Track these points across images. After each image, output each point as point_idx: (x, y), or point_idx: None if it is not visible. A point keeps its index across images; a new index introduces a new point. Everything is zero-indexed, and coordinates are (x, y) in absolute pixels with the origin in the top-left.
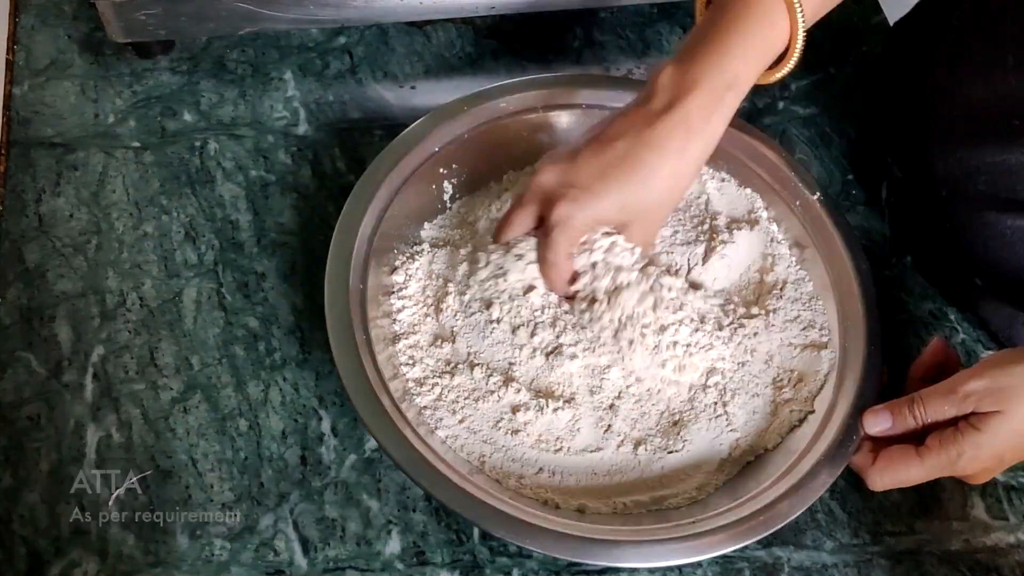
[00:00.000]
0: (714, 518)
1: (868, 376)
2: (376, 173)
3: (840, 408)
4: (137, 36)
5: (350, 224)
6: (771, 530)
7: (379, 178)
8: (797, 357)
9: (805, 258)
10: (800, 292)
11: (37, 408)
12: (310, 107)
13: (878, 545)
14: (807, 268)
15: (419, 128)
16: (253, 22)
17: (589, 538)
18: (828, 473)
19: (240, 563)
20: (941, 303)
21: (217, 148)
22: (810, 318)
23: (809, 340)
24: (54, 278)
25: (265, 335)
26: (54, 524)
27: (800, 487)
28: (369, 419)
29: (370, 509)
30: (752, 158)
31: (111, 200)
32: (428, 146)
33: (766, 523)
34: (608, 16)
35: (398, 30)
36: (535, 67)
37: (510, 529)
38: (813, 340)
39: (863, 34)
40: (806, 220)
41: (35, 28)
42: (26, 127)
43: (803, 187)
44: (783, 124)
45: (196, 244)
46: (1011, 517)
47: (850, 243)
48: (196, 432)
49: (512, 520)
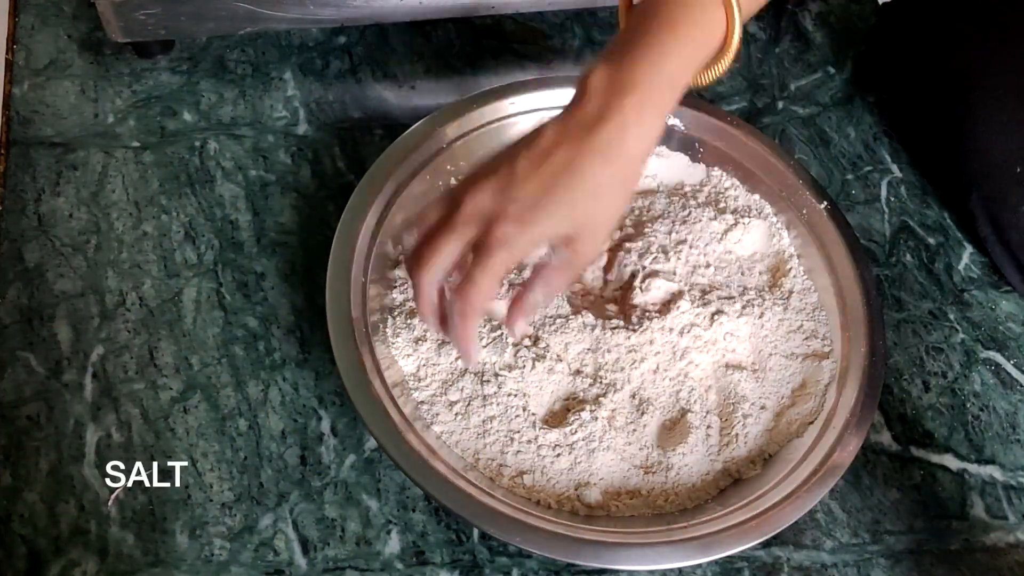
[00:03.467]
0: (712, 522)
1: (868, 387)
2: (383, 166)
3: (840, 415)
4: (137, 36)
5: (355, 217)
6: (769, 534)
7: (386, 171)
8: (799, 366)
9: (811, 268)
10: (805, 302)
11: (37, 408)
12: (310, 107)
13: (877, 544)
14: (813, 278)
15: (427, 123)
16: (253, 22)
17: (589, 540)
18: (824, 482)
19: (240, 563)
20: (941, 303)
21: (217, 148)
22: (813, 328)
23: (811, 350)
24: (54, 278)
25: (265, 335)
26: (54, 524)
27: (797, 494)
28: (364, 412)
29: (370, 509)
30: (760, 167)
31: (111, 200)
32: (435, 142)
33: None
34: (608, 16)
35: (398, 30)
36: (535, 67)
37: (509, 530)
38: (815, 350)
39: (863, 34)
40: (813, 229)
41: (35, 28)
42: (26, 127)
43: (811, 196)
44: (783, 124)
45: (196, 244)
46: (1010, 516)
47: (855, 253)
48: (196, 432)
49: (511, 520)
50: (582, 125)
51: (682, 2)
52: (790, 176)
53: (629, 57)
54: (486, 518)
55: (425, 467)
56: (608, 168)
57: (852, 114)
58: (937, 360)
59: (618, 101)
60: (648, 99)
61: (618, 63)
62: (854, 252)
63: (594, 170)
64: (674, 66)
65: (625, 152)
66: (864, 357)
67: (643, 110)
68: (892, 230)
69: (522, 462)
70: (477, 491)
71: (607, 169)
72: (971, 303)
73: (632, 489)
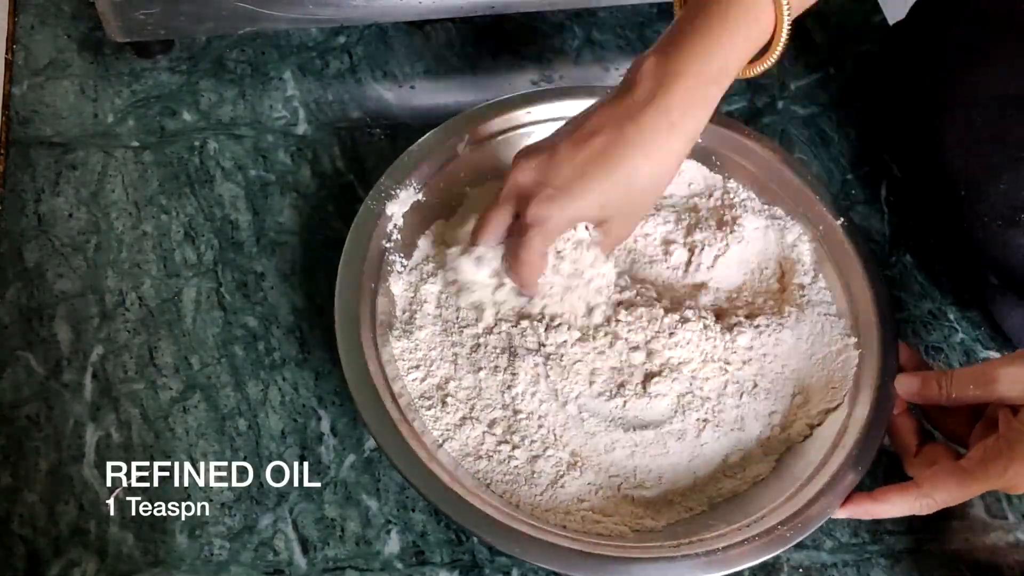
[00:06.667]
0: (718, 539)
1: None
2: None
3: (850, 434)
4: (136, 36)
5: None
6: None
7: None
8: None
9: (826, 285)
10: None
11: (36, 408)
12: (310, 107)
13: (877, 544)
14: (826, 294)
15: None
16: (253, 22)
17: (594, 554)
18: (829, 501)
19: (239, 563)
20: (941, 303)
21: (216, 148)
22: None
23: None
24: (53, 278)
25: (264, 335)
26: (53, 524)
27: (800, 515)
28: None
29: (369, 509)
30: (778, 182)
31: (110, 200)
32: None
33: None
34: (607, 16)
35: (398, 30)
36: (534, 67)
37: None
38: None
39: (863, 34)
40: (828, 244)
41: (34, 28)
42: (25, 127)
43: (827, 212)
44: (783, 124)
45: (195, 244)
46: (1010, 516)
47: (870, 270)
48: (195, 432)
49: (513, 532)
50: (626, 112)
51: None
52: (807, 191)
53: (680, 47)
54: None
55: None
56: (646, 160)
57: (852, 114)
58: (937, 360)
59: (665, 89)
60: (695, 89)
61: (669, 53)
62: (868, 269)
63: (632, 160)
64: (723, 58)
65: (665, 145)
66: (875, 378)
67: (689, 100)
68: (892, 230)
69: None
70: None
71: (644, 160)
72: (971, 303)
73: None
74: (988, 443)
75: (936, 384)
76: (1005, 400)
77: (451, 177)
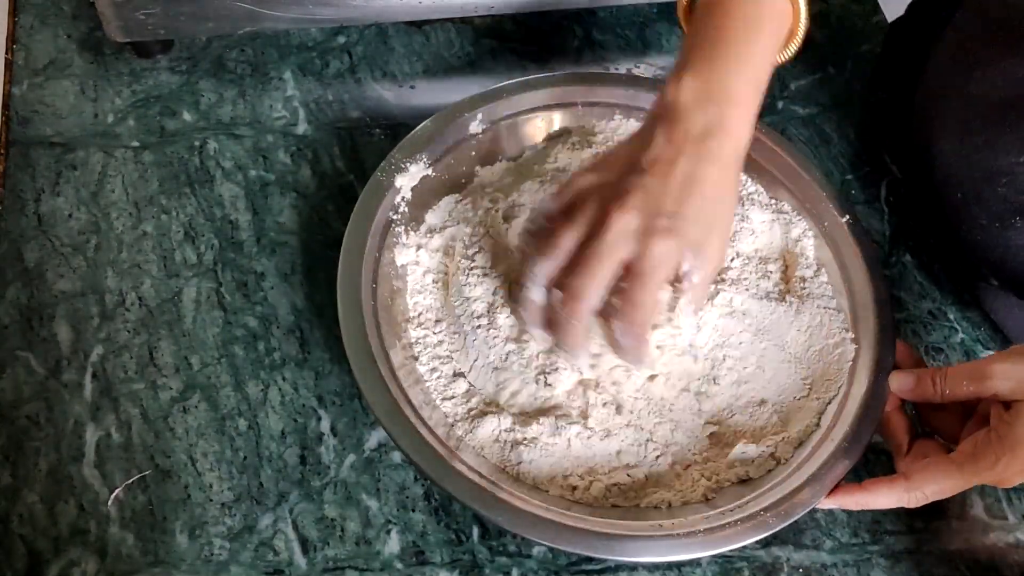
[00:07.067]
0: (701, 520)
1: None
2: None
3: (840, 426)
4: (136, 36)
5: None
6: (772, 531)
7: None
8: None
9: (827, 280)
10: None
11: (36, 408)
12: (309, 107)
13: (877, 544)
14: (827, 288)
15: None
16: (253, 22)
17: (590, 530)
18: (813, 492)
19: (239, 563)
20: (941, 303)
21: (216, 148)
22: (822, 344)
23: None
24: (53, 278)
25: (264, 335)
26: (53, 523)
27: (792, 499)
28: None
29: (369, 509)
30: (787, 176)
31: (110, 200)
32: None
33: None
34: (608, 16)
35: (397, 30)
36: (534, 67)
37: (510, 518)
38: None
39: (863, 34)
40: (833, 241)
41: (34, 28)
42: (25, 127)
43: (833, 208)
44: (783, 124)
45: (195, 244)
46: (1010, 516)
47: (872, 269)
48: (195, 432)
49: (513, 509)
50: (694, 137)
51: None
52: (814, 187)
53: (715, 66)
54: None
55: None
56: (724, 175)
57: (852, 114)
58: (937, 360)
59: (720, 114)
60: (747, 107)
61: (707, 73)
62: (871, 268)
63: (714, 178)
64: (758, 66)
65: (733, 159)
66: (869, 372)
67: (744, 118)
68: (892, 230)
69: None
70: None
71: (724, 176)
72: (971, 303)
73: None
74: (979, 436)
75: (931, 381)
76: (998, 396)
77: (462, 155)
